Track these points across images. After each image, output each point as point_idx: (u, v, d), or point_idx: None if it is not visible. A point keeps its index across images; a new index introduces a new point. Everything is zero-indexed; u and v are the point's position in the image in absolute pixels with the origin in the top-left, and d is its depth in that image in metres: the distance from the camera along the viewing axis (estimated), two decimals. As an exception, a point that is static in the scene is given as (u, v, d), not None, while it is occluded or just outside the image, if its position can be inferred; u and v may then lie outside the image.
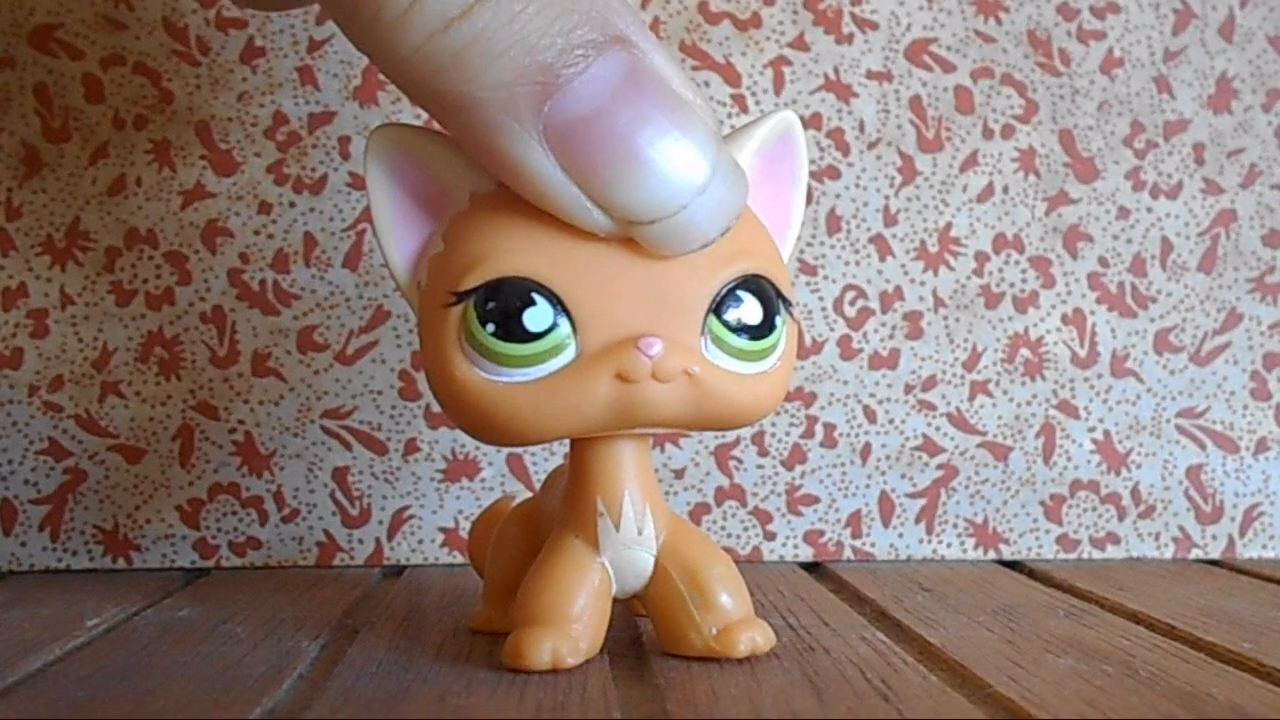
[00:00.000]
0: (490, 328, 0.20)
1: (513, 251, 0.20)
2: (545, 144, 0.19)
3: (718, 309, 0.21)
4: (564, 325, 0.20)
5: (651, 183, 0.20)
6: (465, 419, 0.21)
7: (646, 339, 0.20)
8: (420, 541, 0.35)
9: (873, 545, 0.36)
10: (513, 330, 0.20)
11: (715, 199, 0.20)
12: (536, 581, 0.22)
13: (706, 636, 0.22)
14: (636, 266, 0.20)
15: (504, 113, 0.19)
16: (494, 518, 0.28)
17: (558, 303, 0.20)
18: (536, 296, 0.20)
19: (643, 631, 0.25)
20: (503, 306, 0.20)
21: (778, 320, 0.21)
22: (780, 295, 0.22)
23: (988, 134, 0.36)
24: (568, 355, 0.20)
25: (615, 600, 0.23)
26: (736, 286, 0.21)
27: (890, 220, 0.36)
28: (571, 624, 0.22)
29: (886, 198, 0.36)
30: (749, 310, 0.21)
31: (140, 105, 0.35)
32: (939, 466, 0.36)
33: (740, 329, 0.21)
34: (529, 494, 0.27)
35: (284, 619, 0.27)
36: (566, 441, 0.23)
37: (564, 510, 0.23)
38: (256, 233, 0.35)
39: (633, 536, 0.22)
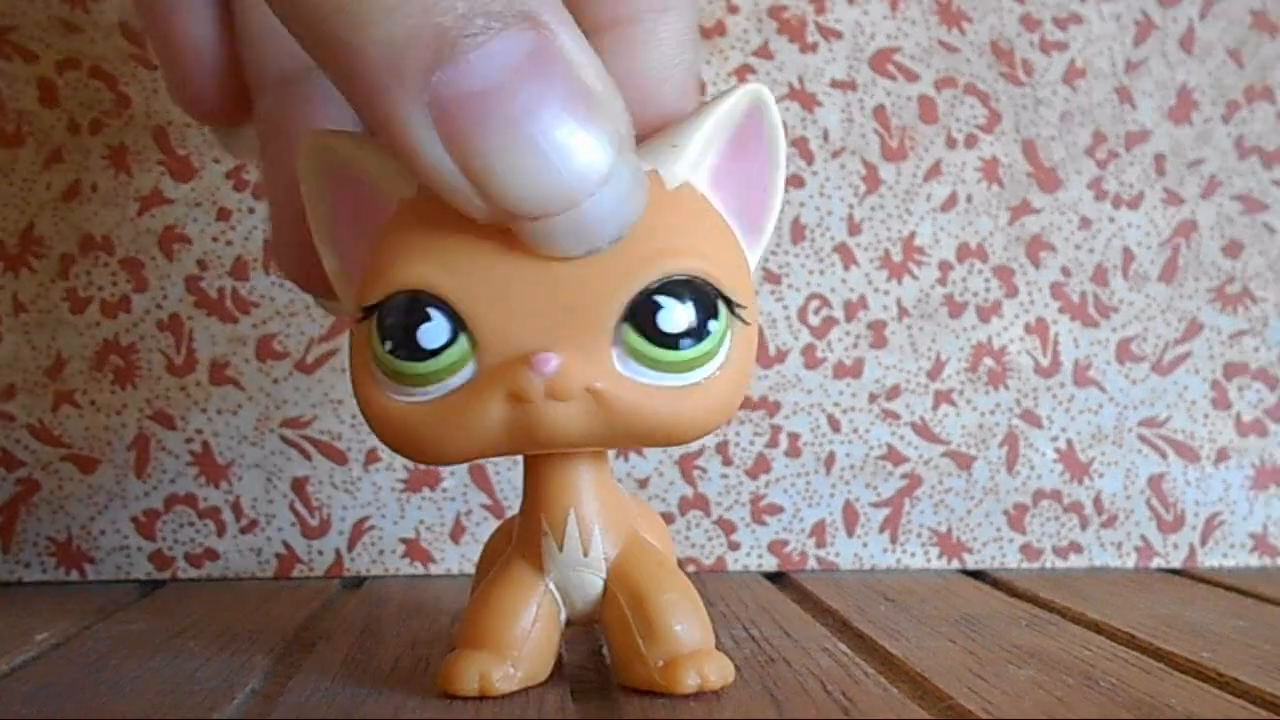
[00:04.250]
0: (388, 345, 0.19)
1: (411, 261, 0.19)
2: (429, 116, 0.18)
3: (632, 316, 0.19)
4: (462, 341, 0.19)
5: (539, 175, 0.18)
6: (380, 436, 0.20)
7: (540, 355, 0.19)
8: (381, 553, 0.35)
9: (837, 555, 0.36)
10: (408, 347, 0.19)
11: (608, 203, 0.18)
12: (476, 603, 0.21)
13: (652, 669, 0.21)
14: (543, 274, 0.19)
15: (389, 73, 0.18)
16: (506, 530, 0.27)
17: (455, 317, 0.19)
18: (432, 311, 0.19)
19: (604, 645, 0.25)
20: (399, 322, 0.19)
21: (712, 325, 0.20)
22: (722, 296, 0.20)
23: (951, 143, 0.36)
24: (467, 373, 0.19)
25: (570, 624, 0.22)
26: (655, 291, 0.19)
27: (854, 229, 0.36)
28: (508, 649, 0.21)
29: (850, 206, 0.36)
30: (671, 316, 0.19)
31: (96, 110, 0.34)
32: (903, 476, 0.36)
33: (660, 338, 0.19)
34: None
35: (239, 632, 0.27)
36: None
37: (517, 529, 0.22)
38: (215, 239, 0.34)
39: (577, 558, 0.21)
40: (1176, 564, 0.37)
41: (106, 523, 0.34)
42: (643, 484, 0.35)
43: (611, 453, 0.25)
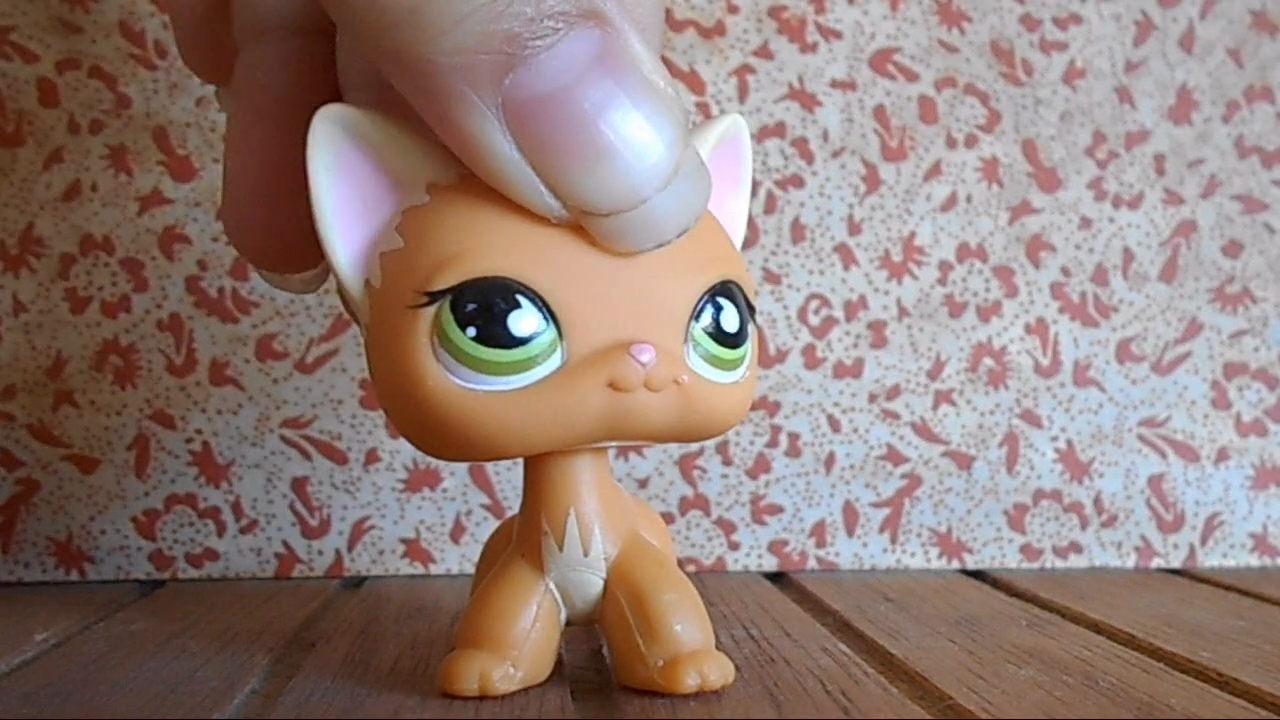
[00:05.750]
0: (470, 331, 0.19)
1: (491, 248, 0.19)
2: (503, 119, 0.18)
3: (701, 315, 0.20)
4: (550, 330, 0.19)
5: (612, 172, 0.18)
6: (433, 432, 0.20)
7: (639, 345, 0.19)
8: (381, 553, 0.35)
9: (837, 555, 0.36)
10: (496, 334, 0.19)
11: (678, 196, 0.19)
12: (477, 603, 0.21)
13: (652, 669, 0.21)
14: (620, 267, 0.19)
15: (461, 81, 0.18)
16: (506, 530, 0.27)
17: (543, 305, 0.19)
18: (521, 298, 0.19)
19: (604, 645, 0.25)
20: (484, 308, 0.19)
21: (749, 328, 0.21)
22: (748, 303, 0.21)
23: (951, 143, 0.36)
24: (553, 362, 0.19)
25: (570, 624, 0.22)
26: (717, 292, 0.20)
27: (854, 229, 0.36)
28: (508, 649, 0.21)
29: (850, 206, 0.36)
30: (728, 317, 0.20)
31: (96, 109, 0.34)
32: (903, 476, 0.36)
33: (720, 336, 0.20)
34: None
35: (239, 632, 0.27)
36: None
37: (518, 529, 0.22)
38: (215, 239, 0.34)
39: (577, 558, 0.21)
40: (1176, 564, 0.37)
41: (106, 523, 0.34)
42: (643, 484, 0.35)
43: (611, 452, 0.25)
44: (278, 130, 0.21)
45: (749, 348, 0.21)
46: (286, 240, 0.22)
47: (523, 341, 0.19)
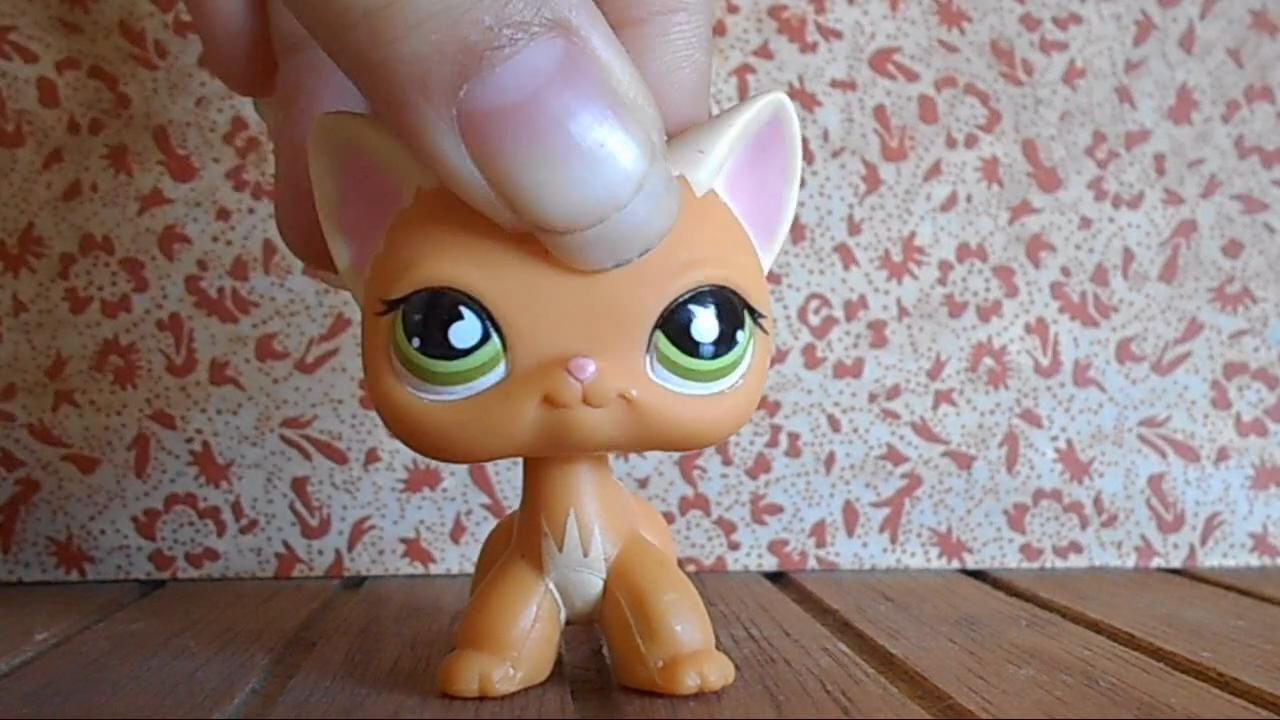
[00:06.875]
0: (416, 342, 0.19)
1: (442, 257, 0.19)
2: (457, 130, 0.17)
3: (666, 324, 0.19)
4: (494, 341, 0.19)
5: (568, 189, 0.18)
6: (397, 433, 0.20)
7: (577, 360, 0.19)
8: (381, 552, 0.35)
9: (837, 555, 0.36)
10: (438, 345, 0.19)
11: (639, 215, 0.18)
12: (476, 604, 0.21)
13: (652, 669, 0.21)
14: (578, 278, 0.19)
15: (415, 89, 0.17)
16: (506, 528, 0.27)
17: (488, 316, 0.19)
18: (465, 309, 0.19)
19: (604, 645, 0.25)
20: (428, 319, 0.19)
21: (740, 335, 0.20)
22: (748, 306, 0.20)
23: (951, 143, 0.36)
24: (497, 374, 0.19)
25: (569, 624, 0.22)
26: (689, 300, 0.19)
27: (854, 229, 0.36)
28: (508, 649, 0.21)
29: (850, 206, 0.36)
30: (703, 326, 0.19)
31: (96, 109, 0.34)
32: (903, 476, 0.36)
33: (693, 347, 0.19)
34: None
35: (239, 632, 0.27)
36: None
37: (518, 529, 0.22)
38: (215, 239, 0.34)
39: (577, 558, 0.21)
40: (1176, 564, 0.37)
41: (106, 523, 0.34)
42: (643, 484, 0.35)
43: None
44: None
45: (740, 356, 0.20)
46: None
47: (464, 353, 0.19)
